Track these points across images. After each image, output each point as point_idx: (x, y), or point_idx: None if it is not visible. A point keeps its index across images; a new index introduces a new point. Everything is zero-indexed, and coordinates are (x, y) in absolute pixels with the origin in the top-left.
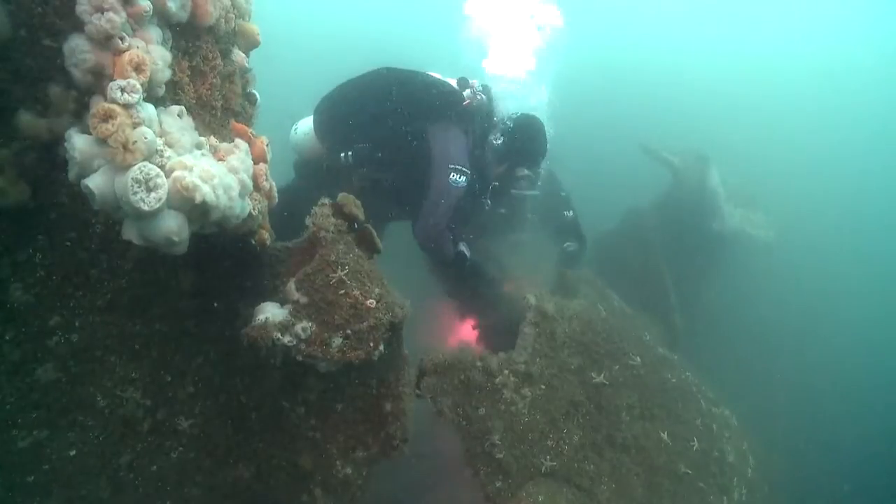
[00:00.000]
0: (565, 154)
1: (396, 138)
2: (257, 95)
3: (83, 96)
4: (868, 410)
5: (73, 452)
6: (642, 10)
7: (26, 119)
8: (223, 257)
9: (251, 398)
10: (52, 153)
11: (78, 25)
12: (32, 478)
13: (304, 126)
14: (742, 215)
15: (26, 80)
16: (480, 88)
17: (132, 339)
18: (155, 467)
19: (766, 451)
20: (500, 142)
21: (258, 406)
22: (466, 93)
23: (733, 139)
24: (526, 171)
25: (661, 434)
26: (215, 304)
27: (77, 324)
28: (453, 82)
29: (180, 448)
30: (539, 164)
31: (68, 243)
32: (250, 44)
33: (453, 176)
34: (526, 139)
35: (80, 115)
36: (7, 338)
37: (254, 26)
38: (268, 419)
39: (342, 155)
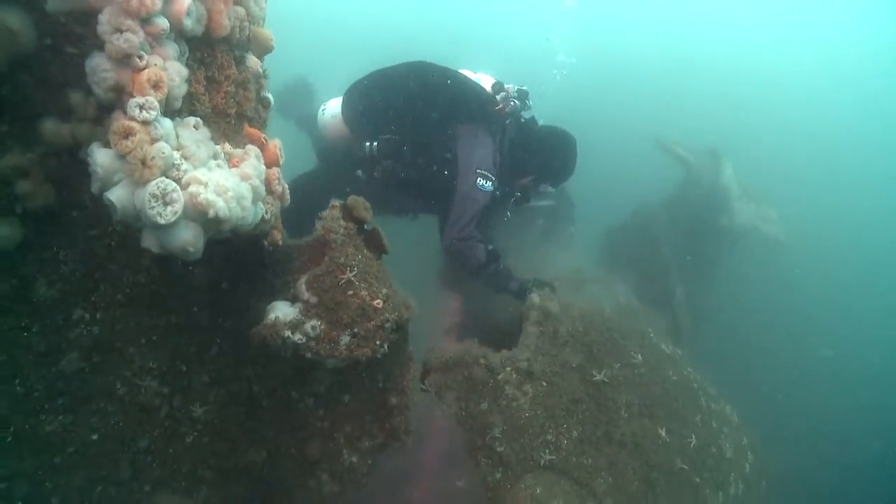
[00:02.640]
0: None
1: (424, 134)
2: (271, 99)
3: (104, 105)
4: (869, 408)
5: (95, 436)
6: (659, 5)
7: (50, 125)
8: (236, 255)
9: (262, 388)
10: (73, 157)
11: (99, 42)
12: (59, 459)
13: (333, 108)
14: (755, 210)
15: (50, 87)
16: (515, 94)
17: (150, 331)
18: (171, 451)
19: (766, 447)
20: (529, 153)
21: (269, 395)
22: (500, 96)
23: (749, 135)
24: (550, 189)
25: (660, 431)
26: (228, 299)
27: (98, 317)
28: (490, 81)
29: (195, 433)
30: (564, 181)
31: (89, 241)
32: (264, 49)
33: (480, 181)
34: (558, 158)
35: (100, 120)
36: (34, 330)
37: (268, 31)
38: (278, 408)
39: (367, 144)
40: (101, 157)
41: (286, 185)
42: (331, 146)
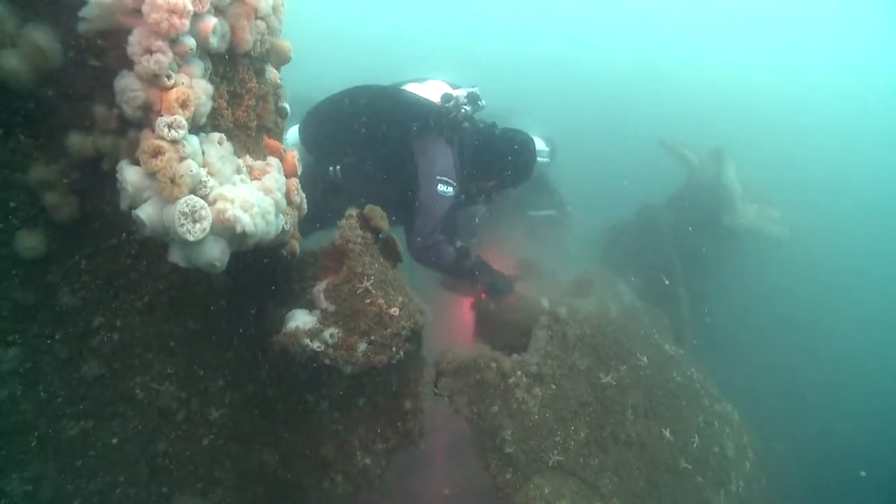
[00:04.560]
0: (583, 150)
1: (382, 153)
2: (288, 109)
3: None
4: (869, 406)
5: (115, 440)
6: (666, 17)
7: (75, 139)
8: (253, 262)
9: (277, 391)
10: (94, 168)
11: (122, 56)
12: (80, 462)
13: (292, 136)
14: (757, 210)
15: (72, 100)
16: (465, 98)
17: (168, 337)
18: (188, 453)
19: (765, 445)
20: (489, 159)
21: (284, 399)
22: (450, 105)
23: (751, 137)
24: (512, 190)
25: (664, 431)
26: (245, 305)
27: (118, 324)
28: (440, 86)
29: (211, 436)
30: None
31: (110, 250)
32: (282, 60)
33: (441, 187)
34: (516, 163)
35: (122, 132)
36: (57, 338)
37: (286, 43)
38: (293, 411)
39: (330, 168)
40: (130, 175)
41: (304, 196)
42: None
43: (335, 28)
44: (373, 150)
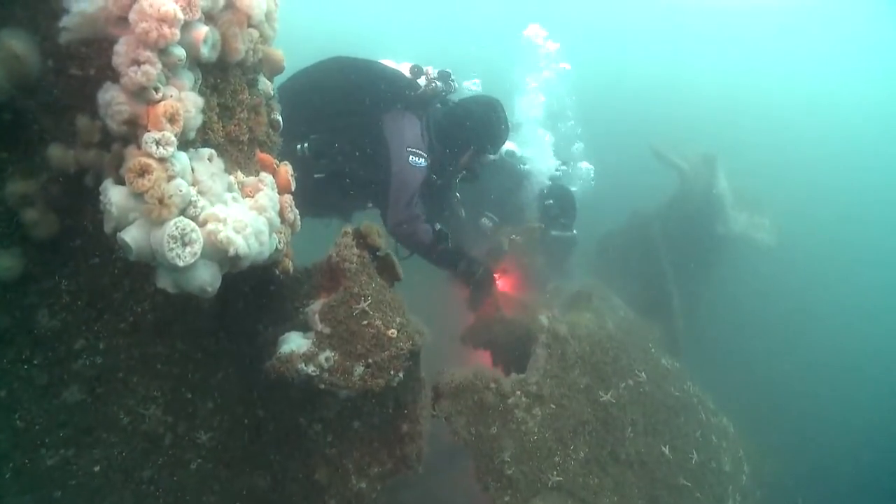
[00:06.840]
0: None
1: (351, 128)
2: (280, 121)
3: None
4: (863, 415)
5: (97, 468)
6: (657, 23)
7: (56, 151)
8: (244, 281)
9: (268, 413)
10: (75, 183)
11: (104, 65)
12: (60, 493)
13: None
14: (747, 219)
15: (53, 112)
16: (436, 75)
17: (154, 359)
18: (175, 479)
19: (760, 456)
20: (458, 129)
21: (275, 420)
22: (420, 80)
23: (740, 145)
24: (492, 157)
25: (663, 448)
26: (235, 324)
27: (101, 346)
28: (406, 67)
29: (199, 460)
30: (502, 144)
31: (92, 269)
32: (275, 70)
33: (412, 159)
34: (485, 124)
35: (106, 144)
36: (35, 362)
37: (278, 52)
38: (284, 434)
39: (298, 146)
40: (115, 196)
41: (297, 212)
42: None
43: (317, 29)
44: (341, 124)
